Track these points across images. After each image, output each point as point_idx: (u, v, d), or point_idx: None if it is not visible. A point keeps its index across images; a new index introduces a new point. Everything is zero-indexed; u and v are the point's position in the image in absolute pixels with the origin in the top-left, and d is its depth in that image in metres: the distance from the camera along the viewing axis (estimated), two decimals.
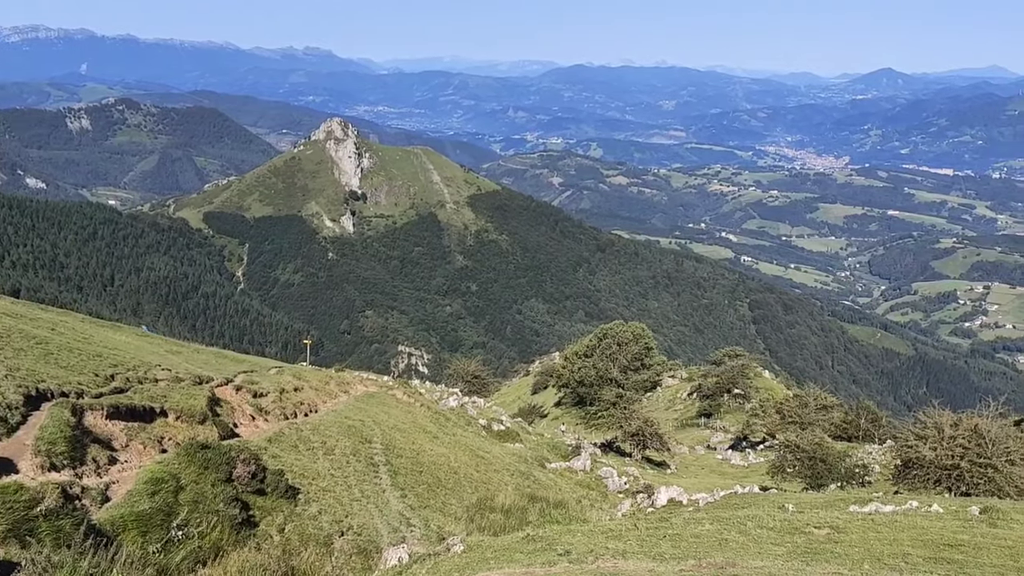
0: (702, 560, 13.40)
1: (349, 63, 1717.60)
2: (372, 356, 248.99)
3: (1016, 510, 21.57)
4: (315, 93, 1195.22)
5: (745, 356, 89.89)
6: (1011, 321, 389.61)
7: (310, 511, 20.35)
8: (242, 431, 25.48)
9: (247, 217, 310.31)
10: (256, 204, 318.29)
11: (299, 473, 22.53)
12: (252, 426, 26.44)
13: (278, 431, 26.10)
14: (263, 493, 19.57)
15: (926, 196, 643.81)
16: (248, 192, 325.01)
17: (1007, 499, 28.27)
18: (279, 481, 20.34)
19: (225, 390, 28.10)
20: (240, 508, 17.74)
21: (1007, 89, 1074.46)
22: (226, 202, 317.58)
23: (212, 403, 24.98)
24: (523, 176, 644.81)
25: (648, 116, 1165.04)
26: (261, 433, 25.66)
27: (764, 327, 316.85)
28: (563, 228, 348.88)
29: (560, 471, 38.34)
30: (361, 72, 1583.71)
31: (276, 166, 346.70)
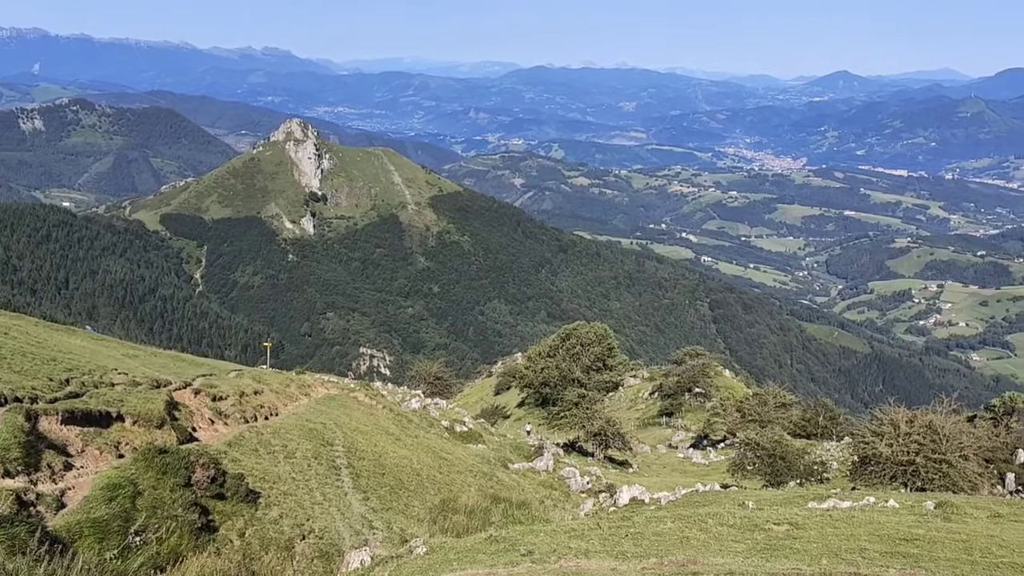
0: (664, 558, 13.51)
1: (308, 63, 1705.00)
2: (333, 358, 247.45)
3: (970, 504, 22.00)
4: (274, 94, 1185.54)
5: (706, 355, 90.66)
6: (964, 319, 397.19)
7: (271, 515, 20.16)
8: (201, 435, 25.18)
9: (205, 219, 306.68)
10: (214, 206, 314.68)
11: (260, 477, 22.30)
12: (211, 430, 26.14)
13: (238, 435, 25.82)
14: (223, 497, 19.35)
15: (881, 197, 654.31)
16: (206, 194, 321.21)
17: (961, 493, 28.85)
18: (239, 485, 20.13)
19: (183, 394, 27.74)
20: (199, 513, 17.53)
21: (959, 91, 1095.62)
22: (184, 204, 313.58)
23: (170, 407, 24.65)
24: (485, 177, 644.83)
25: (609, 117, 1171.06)
26: (220, 437, 25.37)
27: (724, 326, 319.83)
28: (525, 229, 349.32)
29: (523, 471, 38.38)
30: (321, 73, 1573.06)
31: (235, 167, 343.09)
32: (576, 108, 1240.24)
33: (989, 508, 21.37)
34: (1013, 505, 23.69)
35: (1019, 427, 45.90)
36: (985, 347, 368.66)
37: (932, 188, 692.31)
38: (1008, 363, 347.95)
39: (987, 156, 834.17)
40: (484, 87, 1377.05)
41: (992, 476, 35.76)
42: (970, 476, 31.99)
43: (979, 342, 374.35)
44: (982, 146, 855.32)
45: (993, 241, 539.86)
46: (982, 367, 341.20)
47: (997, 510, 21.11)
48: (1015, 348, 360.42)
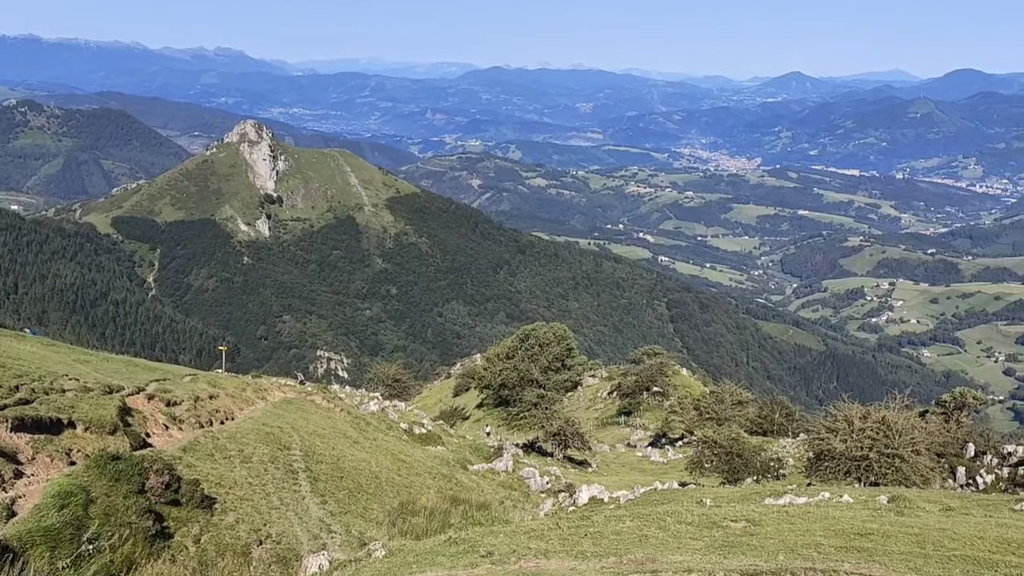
0: (623, 557, 13.56)
1: (262, 64, 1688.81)
2: (290, 361, 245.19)
3: (922, 498, 22.39)
4: (227, 94, 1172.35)
5: (663, 354, 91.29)
6: (915, 316, 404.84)
7: (227, 520, 19.91)
8: (155, 441, 24.78)
9: (158, 222, 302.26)
10: (167, 208, 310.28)
11: (215, 482, 22.02)
12: (166, 435, 25.74)
13: (193, 440, 25.46)
14: (178, 504, 19.07)
15: (834, 196, 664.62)
16: (159, 196, 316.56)
17: (913, 488, 29.35)
18: (194, 491, 19.85)
19: (137, 399, 27.28)
20: (154, 520, 17.26)
21: (909, 92, 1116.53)
22: (136, 206, 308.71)
23: (123, 413, 24.22)
24: (442, 178, 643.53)
25: (566, 118, 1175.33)
26: (175, 442, 25.00)
27: (681, 325, 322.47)
28: (483, 230, 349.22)
29: (482, 473, 38.34)
30: (275, 73, 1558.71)
31: (188, 169, 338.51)
32: (533, 109, 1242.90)
33: (941, 502, 21.77)
34: (964, 498, 24.17)
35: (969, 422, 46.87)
36: (936, 343, 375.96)
37: (883, 187, 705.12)
38: (958, 359, 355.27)
39: (936, 156, 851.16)
40: (441, 88, 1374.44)
41: (943, 470, 36.46)
42: (922, 470, 32.55)
43: (930, 338, 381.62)
44: (931, 146, 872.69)
45: (943, 239, 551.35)
46: (933, 363, 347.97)
47: (948, 503, 21.51)
48: (964, 344, 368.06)
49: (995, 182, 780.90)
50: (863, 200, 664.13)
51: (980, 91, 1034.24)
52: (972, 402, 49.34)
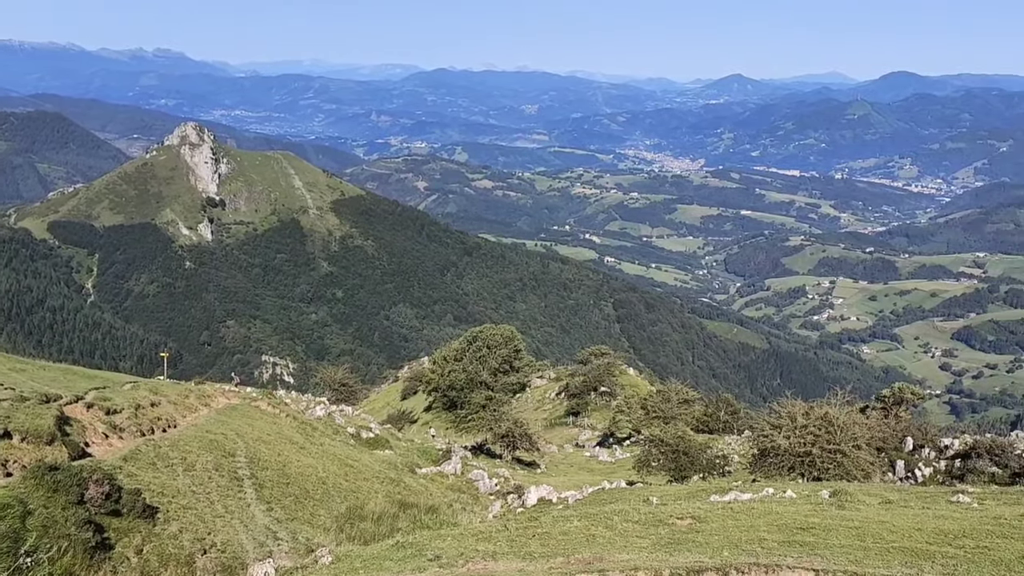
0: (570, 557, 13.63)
1: (203, 65, 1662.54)
2: (235, 367, 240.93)
3: (863, 492, 22.85)
4: (167, 96, 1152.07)
5: (610, 354, 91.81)
6: (855, 314, 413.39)
7: (170, 530, 19.57)
8: (95, 450, 24.27)
9: (96, 226, 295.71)
10: (106, 212, 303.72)
11: (157, 491, 21.63)
12: (105, 444, 25.21)
13: (134, 448, 24.98)
14: (118, 514, 18.70)
15: (776, 196, 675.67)
16: (97, 200, 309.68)
17: (855, 482, 29.92)
18: (136, 501, 19.48)
19: (75, 408, 26.67)
20: (94, 531, 16.91)
21: (846, 94, 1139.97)
22: (73, 211, 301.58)
23: (61, 422, 23.67)
24: (388, 180, 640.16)
25: (511, 120, 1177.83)
26: (115, 451, 24.51)
27: (628, 325, 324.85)
28: (429, 232, 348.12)
29: (431, 476, 38.20)
30: (216, 75, 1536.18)
31: (127, 172, 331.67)
32: (479, 111, 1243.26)
33: (881, 495, 22.23)
34: (903, 491, 24.70)
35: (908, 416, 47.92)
36: (875, 340, 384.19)
37: (823, 187, 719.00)
38: (896, 355, 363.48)
39: (873, 156, 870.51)
40: (385, 90, 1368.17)
41: (883, 464, 37.17)
42: (863, 465, 33.14)
43: (869, 335, 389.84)
44: (868, 147, 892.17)
45: (880, 238, 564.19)
46: (872, 359, 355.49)
47: (888, 496, 21.97)
48: (902, 340, 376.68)
49: (930, 182, 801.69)
50: (803, 200, 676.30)
51: (915, 93, 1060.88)
52: (910, 397, 50.48)
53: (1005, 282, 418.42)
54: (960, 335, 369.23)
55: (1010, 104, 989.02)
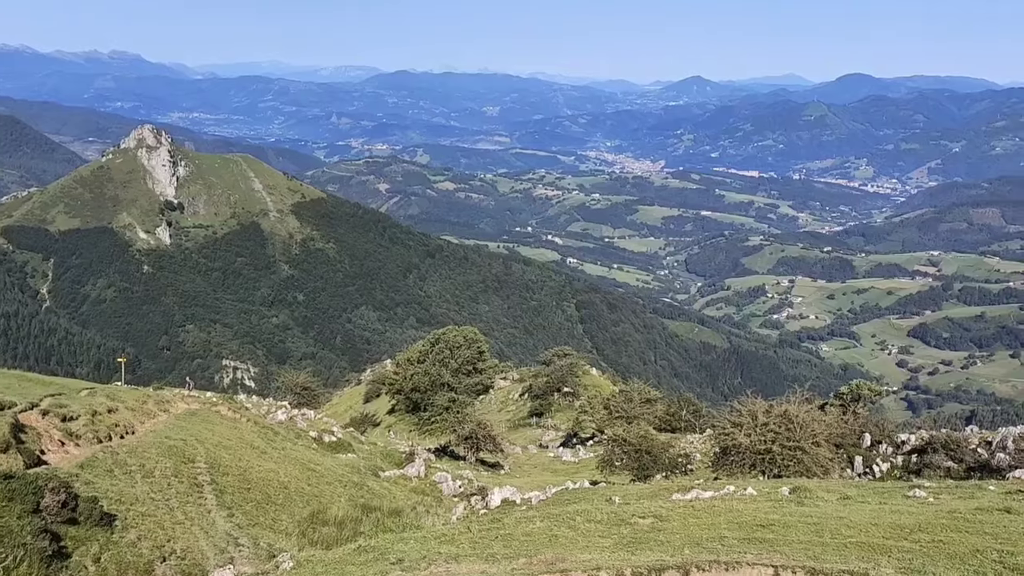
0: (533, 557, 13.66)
1: (160, 67, 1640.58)
2: (194, 372, 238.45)
3: (822, 488, 23.17)
4: (124, 99, 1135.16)
5: (573, 355, 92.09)
6: (813, 312, 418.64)
7: (128, 538, 19.31)
8: (50, 458, 23.87)
9: (51, 231, 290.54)
10: (61, 216, 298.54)
11: (115, 499, 21.34)
12: (62, 452, 24.82)
13: (91, 456, 24.62)
14: (75, 522, 18.42)
15: (735, 197, 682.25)
16: (52, 204, 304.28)
17: (814, 478, 30.32)
18: (93, 508, 19.20)
19: (30, 415, 26.21)
20: (50, 540, 16.64)
21: (803, 96, 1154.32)
22: (27, 215, 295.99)
23: (15, 430, 23.26)
24: (349, 183, 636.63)
25: (473, 122, 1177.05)
26: (72, 459, 24.13)
27: (591, 326, 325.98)
28: (392, 235, 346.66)
29: (394, 479, 38.06)
30: (174, 77, 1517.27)
31: (82, 176, 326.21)
32: (440, 113, 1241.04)
33: (839, 491, 22.56)
34: (861, 487, 25.08)
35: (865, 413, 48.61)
36: (833, 338, 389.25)
37: (781, 188, 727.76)
38: (854, 352, 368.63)
39: (830, 157, 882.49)
40: (346, 92, 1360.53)
41: (842, 460, 37.68)
42: (822, 461, 33.56)
43: (828, 333, 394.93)
44: (825, 148, 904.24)
45: (838, 237, 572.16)
46: (831, 357, 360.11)
47: (846, 492, 22.30)
48: (860, 338, 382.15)
49: (885, 182, 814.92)
50: (762, 200, 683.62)
51: (870, 95, 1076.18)
52: (868, 394, 51.24)
53: (959, 280, 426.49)
54: (916, 332, 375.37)
55: (962, 105, 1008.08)
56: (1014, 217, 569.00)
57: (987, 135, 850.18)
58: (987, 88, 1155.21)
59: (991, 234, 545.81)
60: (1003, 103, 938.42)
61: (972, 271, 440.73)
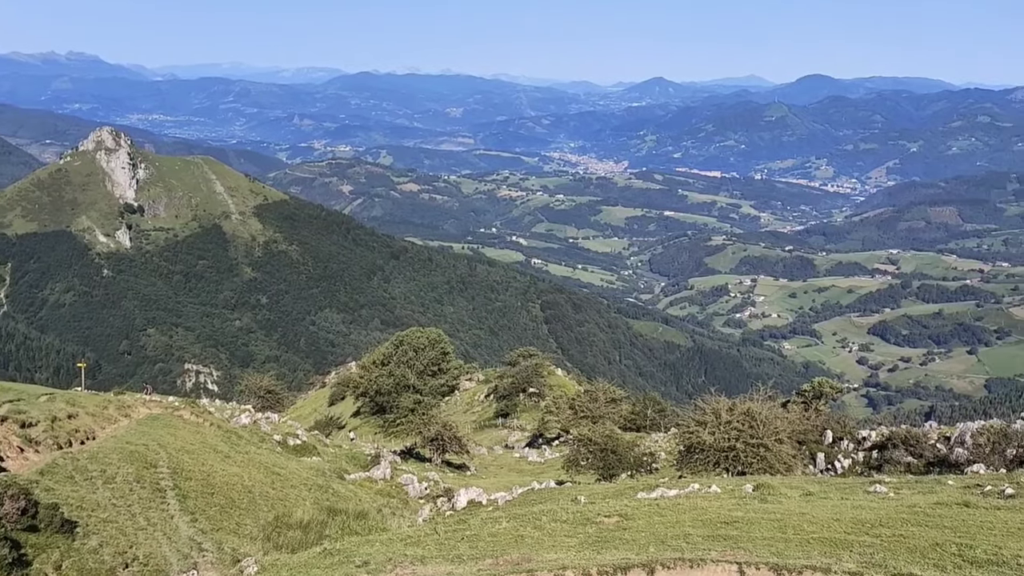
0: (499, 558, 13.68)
1: (119, 69, 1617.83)
2: (156, 376, 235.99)
3: (784, 485, 23.44)
4: (82, 101, 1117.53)
5: (538, 355, 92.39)
6: (776, 311, 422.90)
7: (90, 544, 19.05)
8: (9, 465, 23.49)
9: (8, 235, 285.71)
10: (18, 220, 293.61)
11: (76, 505, 21.04)
12: (21, 459, 24.43)
13: (51, 462, 24.25)
14: (36, 529, 18.15)
15: (698, 197, 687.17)
16: (8, 207, 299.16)
17: (777, 475, 30.65)
18: (53, 515, 18.93)
19: None
20: (10, 547, 16.39)
21: (764, 97, 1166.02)
22: None
23: None
24: (312, 185, 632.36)
25: (436, 123, 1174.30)
26: (32, 465, 23.77)
27: (556, 326, 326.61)
28: (355, 236, 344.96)
29: (360, 481, 37.91)
30: (133, 79, 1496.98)
31: (40, 179, 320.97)
32: (403, 114, 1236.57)
33: (802, 487, 22.84)
34: (823, 483, 25.41)
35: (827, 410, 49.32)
36: (795, 336, 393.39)
37: (743, 188, 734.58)
38: (816, 350, 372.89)
39: (791, 157, 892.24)
40: (308, 93, 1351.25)
41: (804, 457, 38.16)
42: (785, 458, 33.94)
43: (789, 331, 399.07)
44: (786, 148, 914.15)
45: (799, 237, 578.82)
46: (793, 355, 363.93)
47: (809, 489, 22.59)
48: (821, 336, 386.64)
49: (845, 181, 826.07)
50: (725, 200, 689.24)
51: (829, 95, 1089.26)
52: (829, 391, 51.98)
53: (917, 278, 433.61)
54: (876, 330, 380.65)
55: (919, 106, 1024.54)
56: (971, 216, 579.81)
57: (944, 135, 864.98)
58: (944, 89, 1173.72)
59: (948, 232, 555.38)
60: (959, 104, 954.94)
61: (930, 269, 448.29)
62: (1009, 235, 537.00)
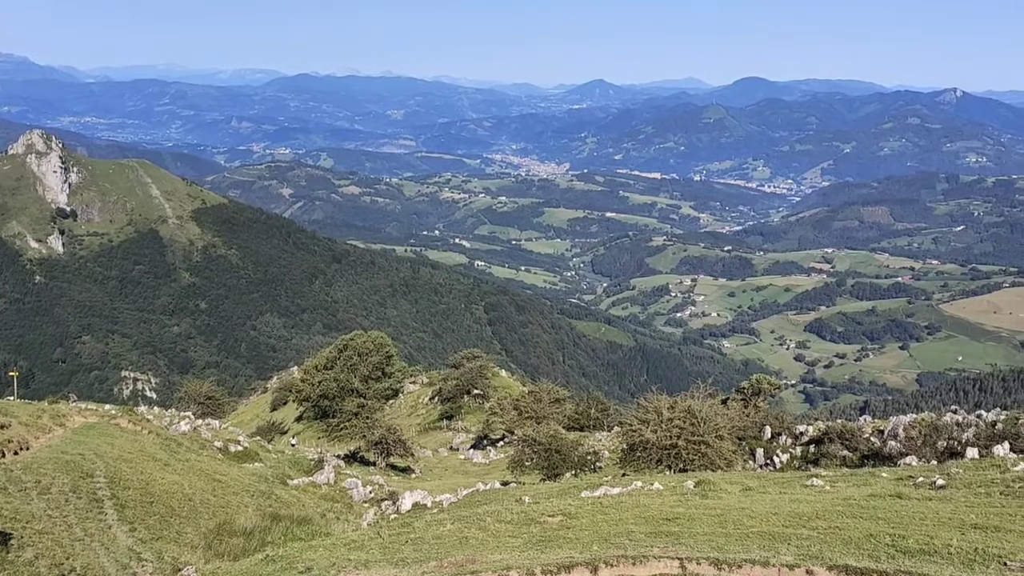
0: (443, 560, 13.69)
1: (49, 70, 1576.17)
2: (92, 384, 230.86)
3: (725, 480, 23.84)
4: (10, 103, 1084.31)
5: (483, 357, 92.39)
6: (715, 310, 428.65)
7: (25, 556, 18.60)
8: None
9: None
10: None
11: (10, 517, 20.53)
12: None
13: None
14: None
15: (638, 198, 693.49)
16: None
17: (718, 471, 31.16)
18: None
19: None
20: None
21: (703, 99, 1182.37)
22: None
23: None
24: (251, 188, 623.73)
25: (377, 125, 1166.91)
26: None
27: (499, 328, 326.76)
28: (296, 240, 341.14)
29: (303, 487, 37.57)
30: (64, 80, 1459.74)
31: None
32: (344, 116, 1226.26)
33: (741, 482, 23.26)
34: (761, 478, 25.90)
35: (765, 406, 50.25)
36: (734, 334, 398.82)
37: (683, 189, 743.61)
38: (754, 348, 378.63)
39: (729, 159, 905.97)
40: (246, 95, 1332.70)
41: (744, 452, 38.86)
42: (725, 454, 34.52)
43: (729, 330, 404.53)
44: (724, 149, 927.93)
45: (737, 237, 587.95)
46: (732, 353, 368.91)
47: (748, 484, 23.01)
48: (760, 334, 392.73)
49: (781, 182, 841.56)
50: (665, 201, 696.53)
51: (765, 98, 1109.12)
52: (767, 388, 53.00)
53: (851, 276, 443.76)
54: (812, 327, 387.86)
55: (852, 108, 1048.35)
56: (902, 215, 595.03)
57: (876, 136, 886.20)
58: (875, 91, 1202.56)
59: (880, 231, 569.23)
60: (890, 106, 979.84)
61: (863, 267, 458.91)
62: (938, 234, 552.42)
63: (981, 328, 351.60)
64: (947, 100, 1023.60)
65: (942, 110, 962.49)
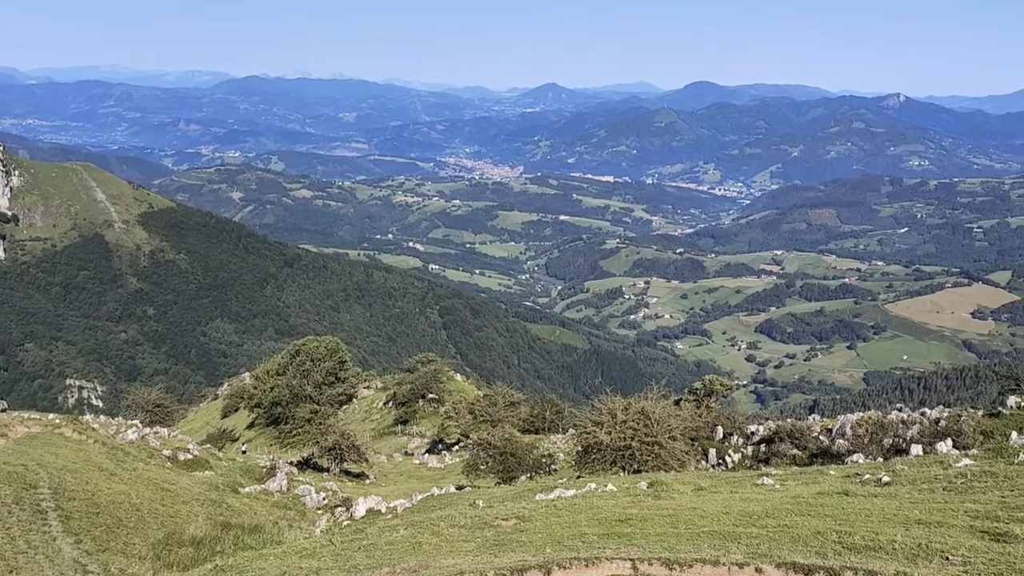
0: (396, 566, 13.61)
1: None
2: (35, 393, 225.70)
3: (678, 481, 24.04)
4: None
5: (437, 361, 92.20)
6: (668, 312, 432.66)
7: None
8: None
9: None
10: None
11: None
12: None
13: None
14: None
15: (592, 201, 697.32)
16: None
17: (671, 472, 31.41)
18: None
19: None
20: None
21: (654, 103, 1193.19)
22: None
23: None
24: (200, 192, 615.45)
25: (329, 128, 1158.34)
26: None
27: (454, 332, 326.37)
28: (247, 244, 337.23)
29: (255, 495, 37.12)
30: (4, 82, 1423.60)
31: None
32: (295, 119, 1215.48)
33: (694, 483, 23.46)
34: (714, 478, 26.16)
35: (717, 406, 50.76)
36: (687, 336, 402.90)
37: (635, 192, 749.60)
38: (707, 349, 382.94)
39: (680, 162, 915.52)
40: (194, 97, 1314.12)
41: (697, 452, 39.20)
42: (678, 455, 34.80)
43: (682, 331, 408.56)
44: (675, 153, 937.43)
45: (689, 239, 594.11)
46: (685, 354, 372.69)
47: (700, 484, 23.23)
48: (712, 335, 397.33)
49: (731, 185, 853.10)
50: (618, 204, 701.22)
51: (715, 102, 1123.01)
52: (719, 388, 53.54)
53: (800, 277, 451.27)
54: (762, 328, 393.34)
55: (799, 112, 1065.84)
56: (848, 217, 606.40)
57: (822, 140, 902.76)
58: (822, 96, 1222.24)
59: (828, 233, 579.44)
60: (836, 110, 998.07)
61: (812, 269, 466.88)
62: (883, 235, 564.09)
63: (925, 327, 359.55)
64: (891, 105, 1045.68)
65: (886, 115, 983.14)
